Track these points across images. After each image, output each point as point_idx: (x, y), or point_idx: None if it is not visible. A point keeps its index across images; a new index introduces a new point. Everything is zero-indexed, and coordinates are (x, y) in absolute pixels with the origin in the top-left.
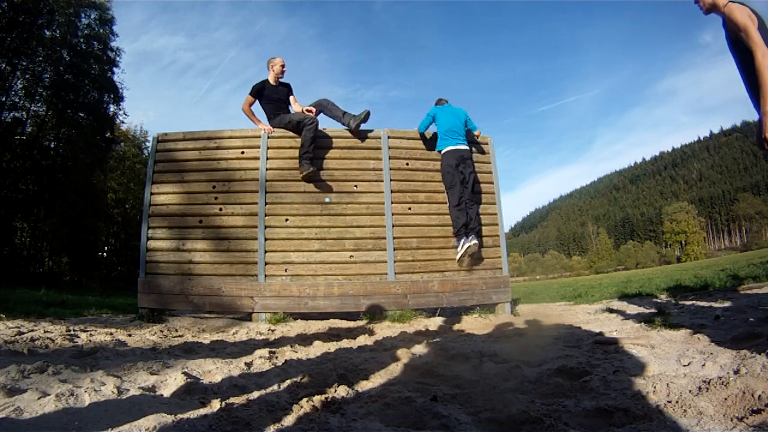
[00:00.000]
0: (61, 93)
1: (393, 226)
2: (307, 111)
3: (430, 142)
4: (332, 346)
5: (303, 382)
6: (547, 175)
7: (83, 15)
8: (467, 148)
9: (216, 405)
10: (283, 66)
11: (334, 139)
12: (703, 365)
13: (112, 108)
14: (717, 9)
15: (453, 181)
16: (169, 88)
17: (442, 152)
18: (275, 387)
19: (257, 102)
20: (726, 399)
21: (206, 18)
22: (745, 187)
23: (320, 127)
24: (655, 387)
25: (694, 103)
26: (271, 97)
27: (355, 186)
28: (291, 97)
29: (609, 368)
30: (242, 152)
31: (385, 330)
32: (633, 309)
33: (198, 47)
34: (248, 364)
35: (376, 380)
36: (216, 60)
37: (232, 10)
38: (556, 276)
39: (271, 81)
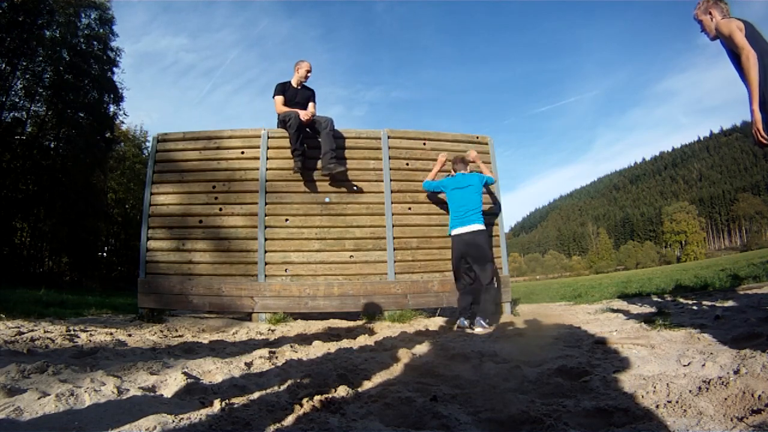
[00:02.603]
0: (61, 93)
1: (393, 226)
2: (307, 115)
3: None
4: (332, 346)
5: (303, 382)
6: (547, 175)
7: (83, 15)
8: (474, 229)
9: (216, 405)
10: (308, 71)
11: (334, 140)
12: (703, 365)
13: (112, 108)
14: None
15: (456, 267)
16: (171, 89)
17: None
18: (275, 387)
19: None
20: (726, 399)
21: (208, 19)
22: (745, 187)
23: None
24: (655, 387)
25: (693, 104)
26: (291, 99)
27: (355, 186)
28: (311, 104)
29: (609, 368)
30: (242, 152)
31: (385, 330)
32: (633, 309)
33: (200, 48)
34: (248, 364)
35: (376, 380)
36: (218, 61)
37: (234, 11)
38: (556, 276)
39: (294, 83)
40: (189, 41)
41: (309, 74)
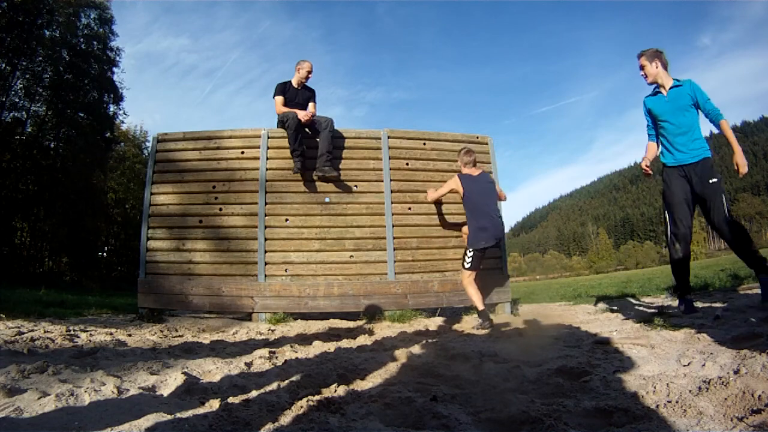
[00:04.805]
0: (61, 93)
1: (393, 226)
2: (307, 115)
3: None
4: (332, 346)
5: (303, 382)
6: (547, 176)
7: (83, 15)
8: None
9: (216, 405)
10: (309, 71)
11: (334, 140)
12: (703, 365)
13: (112, 108)
14: None
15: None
16: (173, 90)
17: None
18: (275, 387)
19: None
20: (726, 399)
21: (210, 20)
22: (745, 187)
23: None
24: (655, 387)
25: None
26: (291, 99)
27: (355, 186)
28: (311, 104)
29: (609, 368)
30: (242, 152)
31: (384, 330)
32: (633, 309)
33: (201, 49)
34: (248, 364)
35: (376, 380)
36: (219, 61)
37: (236, 12)
38: (556, 276)
39: (294, 83)
40: (191, 42)
41: (310, 75)
